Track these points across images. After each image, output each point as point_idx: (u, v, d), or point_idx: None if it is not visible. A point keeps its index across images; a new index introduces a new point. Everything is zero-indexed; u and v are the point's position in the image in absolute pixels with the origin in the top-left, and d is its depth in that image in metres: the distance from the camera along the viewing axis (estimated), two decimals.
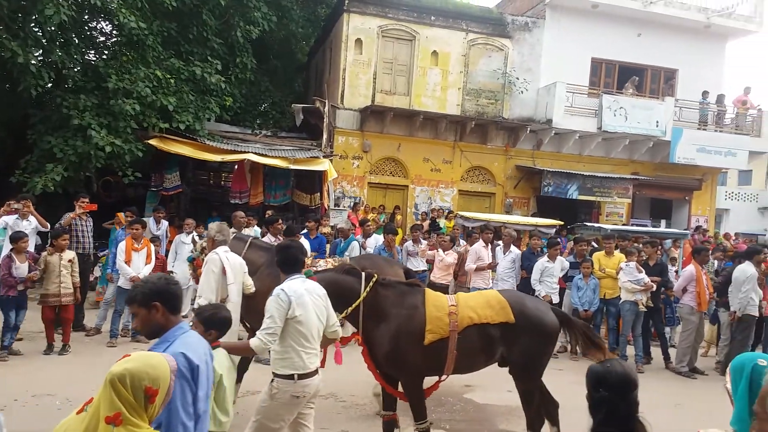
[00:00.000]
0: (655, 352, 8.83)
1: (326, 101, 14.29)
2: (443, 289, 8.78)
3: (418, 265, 9.26)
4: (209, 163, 13.23)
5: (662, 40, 16.64)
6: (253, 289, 5.36)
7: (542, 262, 8.49)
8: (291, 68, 19.31)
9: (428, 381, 4.58)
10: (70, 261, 7.08)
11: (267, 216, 9.12)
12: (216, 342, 3.42)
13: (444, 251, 8.84)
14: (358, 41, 14.78)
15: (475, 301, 4.48)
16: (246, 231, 8.87)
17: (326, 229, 10.13)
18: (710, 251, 10.32)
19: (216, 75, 12.09)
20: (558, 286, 8.51)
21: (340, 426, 5.28)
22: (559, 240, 9.51)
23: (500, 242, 9.51)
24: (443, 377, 4.53)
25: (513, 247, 9.40)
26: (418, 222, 13.74)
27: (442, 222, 13.72)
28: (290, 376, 3.46)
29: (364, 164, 15.04)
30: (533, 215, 14.97)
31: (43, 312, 7.05)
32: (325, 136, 13.98)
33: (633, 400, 2.12)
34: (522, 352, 4.40)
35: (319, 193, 13.05)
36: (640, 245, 9.45)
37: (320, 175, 12.82)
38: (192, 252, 5.92)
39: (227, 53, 13.38)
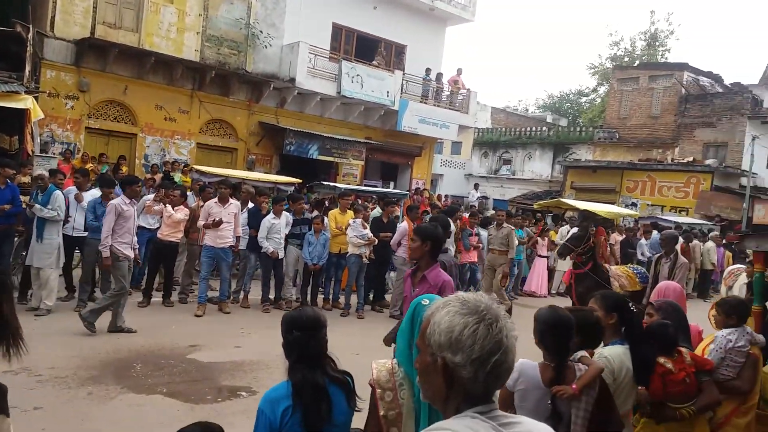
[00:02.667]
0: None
1: (30, 26, 11.81)
2: (172, 247, 8.21)
3: (153, 222, 8.52)
4: None
5: (395, 16, 18.04)
6: None
7: (269, 219, 8.54)
8: None
9: None
10: None
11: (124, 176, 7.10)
12: None
13: (173, 207, 8.22)
14: None
15: None
16: None
17: (25, 179, 8.49)
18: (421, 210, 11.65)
19: None
20: (284, 242, 8.69)
21: (34, 402, 4.55)
22: (284, 197, 9.64)
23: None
24: None
25: (251, 204, 9.26)
26: (148, 175, 12.57)
27: (178, 176, 12.79)
28: None
29: (80, 106, 13.01)
30: (278, 173, 15.02)
31: None
32: (28, 68, 11.57)
33: (322, 338, 2.35)
34: None
35: (19, 136, 10.85)
36: (369, 204, 10.26)
37: (22, 115, 10.64)
38: None
39: None
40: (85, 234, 7.46)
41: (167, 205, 8.28)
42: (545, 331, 2.53)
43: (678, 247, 13.81)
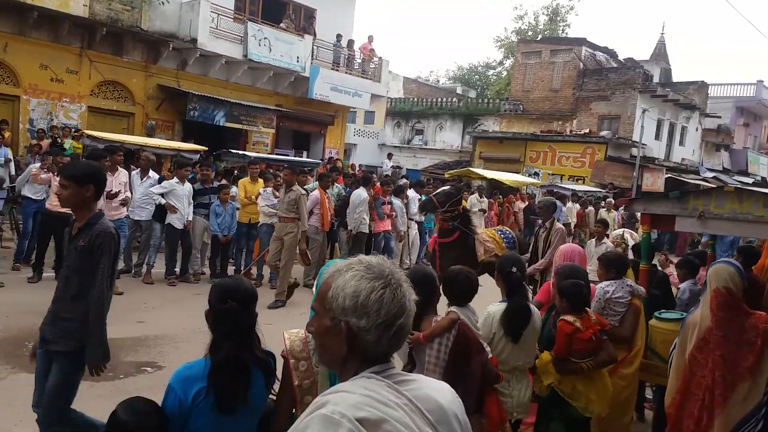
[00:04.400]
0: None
1: None
2: (61, 218, 7.57)
3: (40, 193, 7.86)
4: None
5: None
6: None
7: (172, 182, 8.17)
8: None
9: None
10: None
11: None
12: None
13: None
14: None
15: None
16: None
17: None
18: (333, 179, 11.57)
19: None
20: (190, 209, 8.31)
21: None
22: (189, 162, 9.22)
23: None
24: None
25: (152, 173, 8.73)
26: (34, 141, 11.50)
27: (68, 142, 11.80)
28: None
29: None
30: (182, 140, 14.23)
31: None
32: None
33: (253, 311, 2.30)
34: None
35: None
36: (280, 173, 9.98)
37: None
38: None
39: None
40: None
41: (56, 173, 7.63)
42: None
43: (575, 213, 14.85)
